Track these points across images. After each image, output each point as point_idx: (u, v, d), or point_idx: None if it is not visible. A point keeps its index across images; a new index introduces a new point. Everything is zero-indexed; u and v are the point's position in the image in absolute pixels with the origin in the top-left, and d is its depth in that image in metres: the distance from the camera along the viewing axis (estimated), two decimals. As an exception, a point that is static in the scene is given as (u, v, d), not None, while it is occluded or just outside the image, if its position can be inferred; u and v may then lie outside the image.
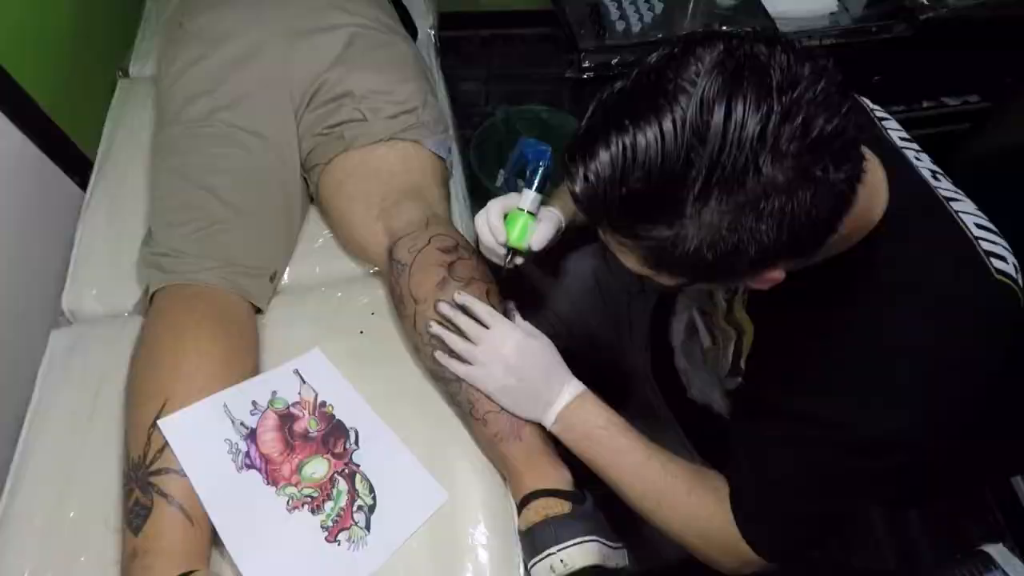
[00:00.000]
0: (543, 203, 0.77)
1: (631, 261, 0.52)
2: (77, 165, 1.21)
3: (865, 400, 0.56)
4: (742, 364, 0.73)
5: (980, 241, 0.55)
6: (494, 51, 2.36)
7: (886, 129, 0.66)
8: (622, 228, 0.49)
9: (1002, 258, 0.55)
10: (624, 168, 0.44)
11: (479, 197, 1.48)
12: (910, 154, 0.63)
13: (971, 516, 1.38)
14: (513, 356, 0.71)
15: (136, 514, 0.66)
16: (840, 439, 0.57)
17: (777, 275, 0.50)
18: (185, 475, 0.69)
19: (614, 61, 1.06)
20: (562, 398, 0.71)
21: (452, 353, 0.75)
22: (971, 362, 0.54)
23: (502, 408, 0.73)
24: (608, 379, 1.08)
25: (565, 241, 1.03)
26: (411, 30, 1.20)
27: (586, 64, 1.05)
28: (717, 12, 1.12)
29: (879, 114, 0.69)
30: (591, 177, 0.46)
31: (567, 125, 1.56)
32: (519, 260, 0.78)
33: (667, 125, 0.42)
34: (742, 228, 0.44)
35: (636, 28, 1.08)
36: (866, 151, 0.50)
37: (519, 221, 0.74)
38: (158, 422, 0.70)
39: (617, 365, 1.08)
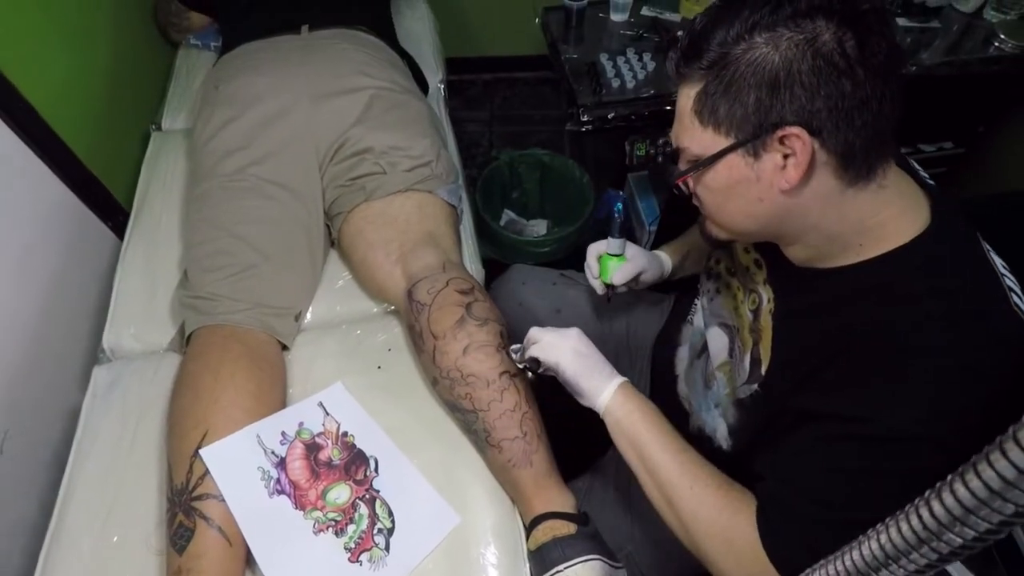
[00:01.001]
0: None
1: (684, 124, 0.62)
2: (111, 212, 1.30)
3: (884, 395, 0.56)
4: (762, 371, 0.74)
5: (1004, 277, 0.61)
6: (497, 94, 2.47)
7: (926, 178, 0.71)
8: (692, 48, 0.59)
9: (1020, 296, 0.60)
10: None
11: (484, 236, 1.58)
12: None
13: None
14: (581, 345, 0.78)
15: (180, 535, 0.73)
16: (862, 433, 0.57)
17: (804, 138, 0.55)
18: (223, 500, 0.76)
19: (610, 115, 1.16)
20: (615, 381, 0.76)
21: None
22: (981, 373, 0.56)
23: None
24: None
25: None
26: (423, 85, 1.30)
27: (584, 118, 1.15)
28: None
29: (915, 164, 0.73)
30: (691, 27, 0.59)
31: (567, 169, 1.66)
32: (610, 290, 0.96)
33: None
34: (790, 67, 0.54)
35: (630, 85, 1.17)
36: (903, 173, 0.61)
37: (610, 263, 0.94)
38: (200, 451, 0.77)
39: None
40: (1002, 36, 1.24)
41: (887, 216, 0.60)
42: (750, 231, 0.66)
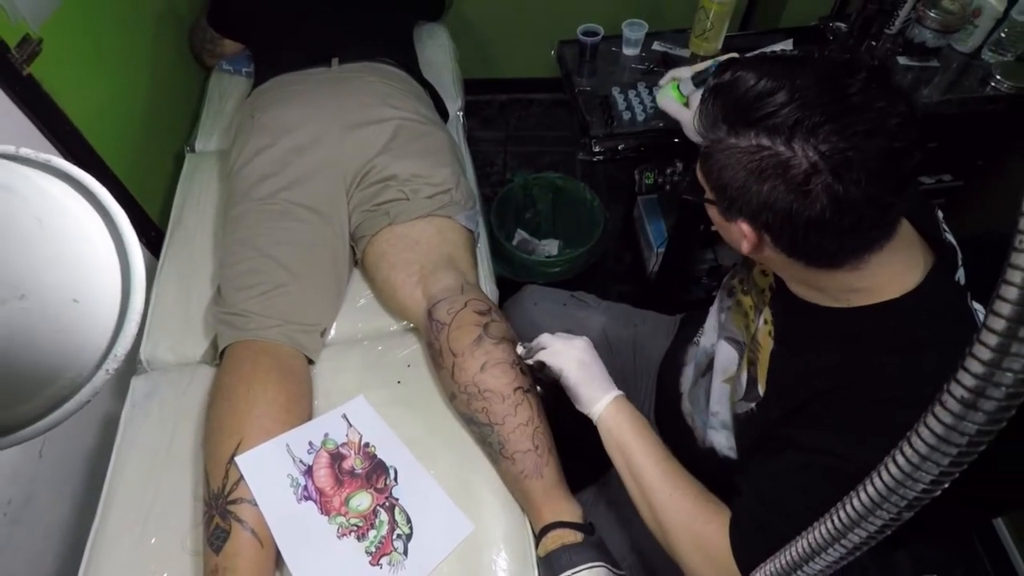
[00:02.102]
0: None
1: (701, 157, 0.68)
2: (146, 228, 1.37)
3: (867, 437, 0.60)
4: (759, 389, 0.79)
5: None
6: (512, 114, 2.54)
7: (944, 231, 0.76)
8: (715, 105, 0.63)
9: None
10: (737, 79, 0.61)
11: (497, 255, 1.63)
12: (959, 257, 0.72)
13: (961, 565, 1.47)
14: (586, 355, 0.85)
15: (217, 536, 0.79)
16: (840, 467, 0.61)
17: (749, 233, 0.63)
18: (256, 504, 0.82)
19: (620, 147, 1.22)
20: (610, 393, 0.83)
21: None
22: None
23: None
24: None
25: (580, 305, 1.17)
26: (443, 113, 1.37)
27: (596, 149, 1.21)
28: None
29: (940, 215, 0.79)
30: (724, 75, 0.63)
31: (579, 192, 1.72)
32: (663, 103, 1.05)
33: (764, 78, 0.59)
34: (749, 172, 0.59)
35: (640, 117, 1.23)
36: (914, 234, 0.64)
37: (671, 90, 1.03)
38: (235, 459, 0.83)
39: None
40: (998, 76, 1.29)
41: (872, 283, 0.64)
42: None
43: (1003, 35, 1.31)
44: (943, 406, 0.24)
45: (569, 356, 0.85)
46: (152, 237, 1.37)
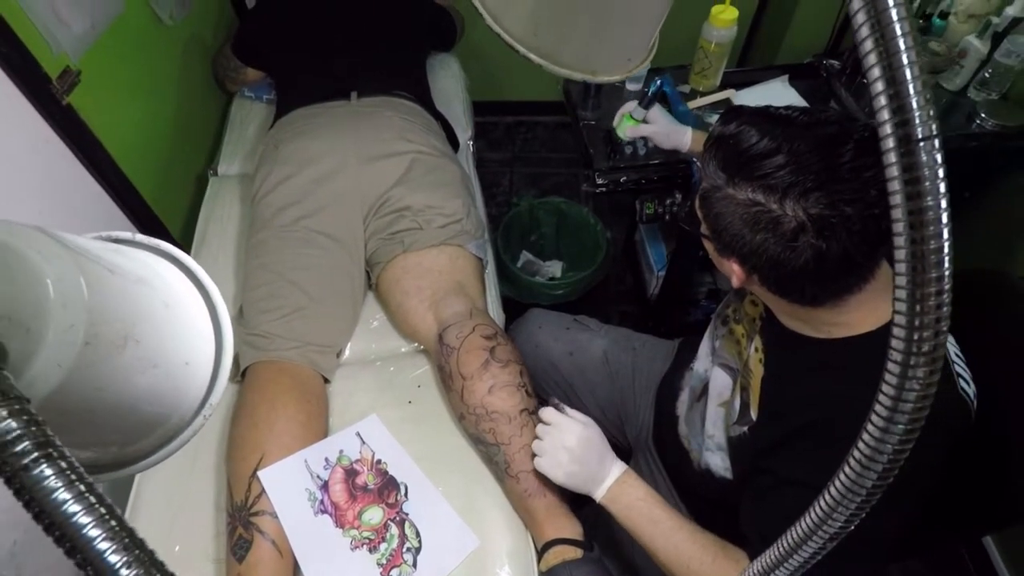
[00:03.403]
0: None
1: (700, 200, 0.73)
2: (169, 247, 1.44)
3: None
4: (752, 414, 0.84)
5: (954, 364, 0.71)
6: (518, 136, 2.62)
7: None
8: (716, 156, 0.69)
9: (966, 381, 0.71)
10: (738, 133, 0.67)
11: (503, 276, 1.70)
12: None
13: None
14: (577, 447, 0.87)
15: (240, 546, 0.85)
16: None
17: (740, 274, 0.70)
18: (276, 517, 0.88)
19: (622, 179, 1.28)
20: (611, 476, 0.87)
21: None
22: (928, 445, 0.69)
23: (558, 483, 0.87)
24: (614, 444, 1.25)
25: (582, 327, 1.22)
26: (454, 142, 1.44)
27: (599, 181, 1.27)
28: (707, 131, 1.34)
29: None
30: (727, 127, 0.69)
31: (582, 216, 1.78)
32: (621, 140, 1.22)
33: (764, 138, 0.65)
34: (743, 222, 0.65)
35: (642, 152, 1.30)
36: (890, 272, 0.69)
37: (627, 122, 1.18)
38: (258, 473, 0.89)
39: (623, 432, 1.25)
40: (983, 115, 1.36)
41: (849, 318, 0.70)
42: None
43: (987, 75, 1.38)
44: (866, 433, 0.29)
45: (559, 449, 0.87)
46: (173, 256, 1.43)
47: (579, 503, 1.01)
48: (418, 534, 0.93)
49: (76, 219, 1.17)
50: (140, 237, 0.30)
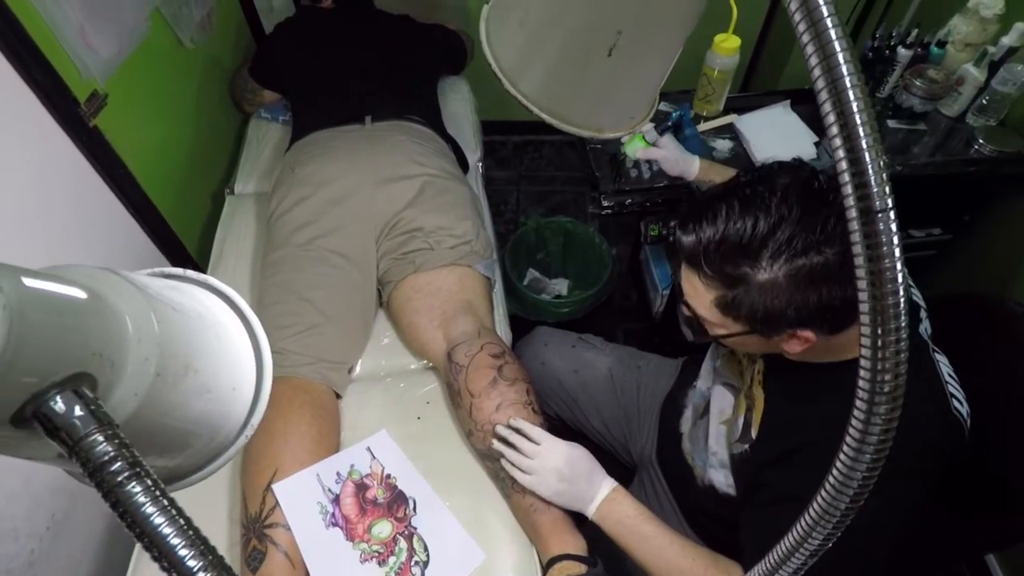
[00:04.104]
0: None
1: (703, 304, 0.72)
2: (183, 263, 1.48)
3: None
4: (752, 433, 0.87)
5: (948, 384, 0.73)
6: (525, 155, 2.66)
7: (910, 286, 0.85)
8: (713, 264, 0.68)
9: (959, 401, 0.73)
10: (724, 232, 0.66)
11: (510, 293, 1.73)
12: (922, 312, 0.82)
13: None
14: (563, 466, 0.90)
15: (254, 557, 0.87)
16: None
17: (808, 335, 0.68)
18: (289, 529, 0.90)
19: (628, 201, 1.32)
20: (601, 493, 0.90)
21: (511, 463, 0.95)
22: (925, 474, 0.70)
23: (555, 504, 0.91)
24: (618, 462, 1.27)
25: (587, 347, 1.25)
26: (464, 165, 1.48)
27: (605, 203, 1.31)
28: (712, 160, 1.38)
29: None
30: (700, 236, 0.68)
31: (588, 236, 1.82)
32: (623, 155, 1.23)
33: (759, 218, 0.65)
34: (794, 290, 0.65)
35: (646, 175, 1.34)
36: None
37: (637, 140, 1.17)
38: (272, 486, 0.92)
39: (627, 450, 1.27)
40: (981, 140, 1.39)
41: (849, 340, 0.72)
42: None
43: (985, 102, 1.41)
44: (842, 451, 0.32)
45: (547, 469, 0.90)
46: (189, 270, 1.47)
47: (583, 518, 1.04)
48: (426, 548, 0.96)
49: (97, 234, 1.22)
50: (190, 273, 0.33)
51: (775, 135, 1.45)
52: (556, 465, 0.90)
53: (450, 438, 1.08)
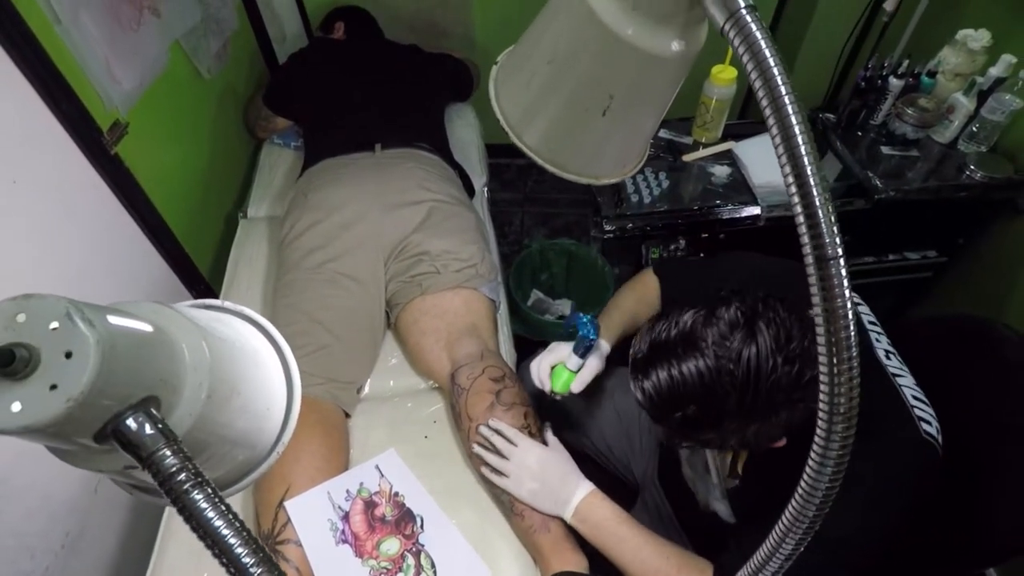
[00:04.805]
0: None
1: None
2: (195, 282, 1.52)
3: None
4: (739, 469, 0.91)
5: (914, 408, 0.76)
6: (529, 177, 2.71)
7: (860, 314, 0.88)
8: (676, 434, 0.72)
9: (928, 422, 0.76)
10: (675, 394, 0.68)
11: (514, 313, 1.76)
12: (872, 336, 0.85)
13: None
14: (536, 466, 0.94)
15: (267, 573, 0.90)
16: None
17: (780, 444, 0.73)
18: (301, 545, 0.93)
19: (629, 226, 1.36)
20: (576, 496, 0.93)
21: (490, 468, 0.98)
22: (898, 492, 0.73)
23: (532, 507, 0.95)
24: (621, 482, 1.29)
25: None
26: (470, 190, 1.52)
27: (607, 228, 1.35)
28: (711, 187, 1.43)
29: (856, 300, 0.90)
30: (651, 394, 0.71)
31: (591, 257, 1.86)
32: (558, 397, 1.03)
33: (704, 369, 0.66)
34: (761, 433, 0.69)
35: (647, 200, 1.38)
36: None
37: (564, 376, 0.99)
38: (284, 503, 0.95)
39: (630, 470, 1.29)
40: (972, 167, 1.43)
41: None
42: None
43: (975, 129, 1.46)
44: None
45: (523, 472, 0.94)
46: (201, 290, 1.52)
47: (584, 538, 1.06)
48: (433, 564, 0.98)
49: (116, 256, 1.26)
50: (228, 304, 0.37)
51: (772, 161, 1.49)
52: (528, 464, 0.94)
53: (456, 457, 1.11)
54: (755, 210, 1.39)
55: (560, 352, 1.01)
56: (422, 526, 1.02)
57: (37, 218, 1.03)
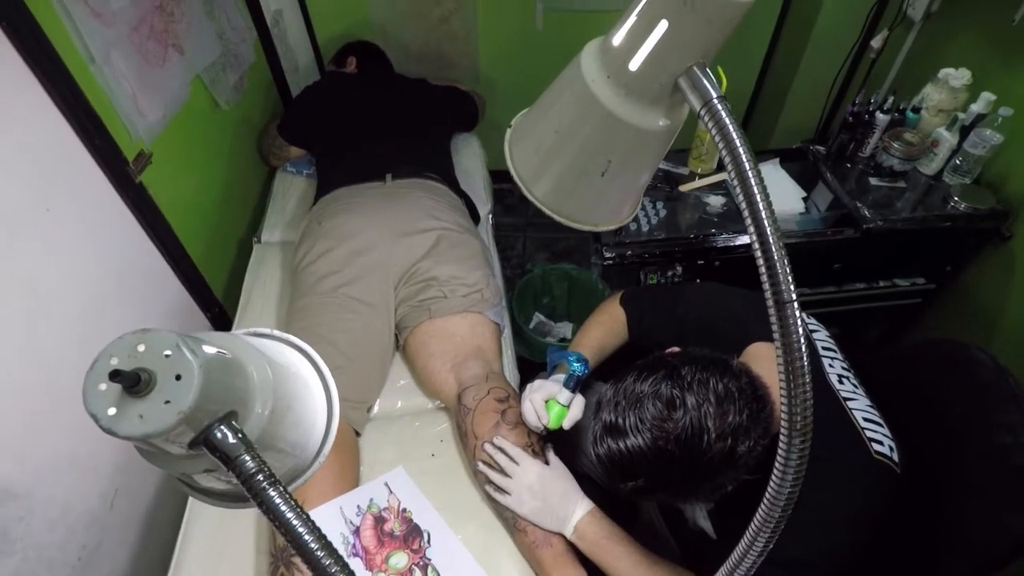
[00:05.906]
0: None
1: None
2: (210, 305, 1.58)
3: (790, 534, 0.78)
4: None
5: (865, 431, 0.80)
6: (531, 202, 2.78)
7: (814, 340, 0.93)
8: (633, 497, 0.77)
9: (880, 443, 0.80)
10: (624, 466, 0.75)
11: (517, 335, 1.82)
12: (825, 362, 0.90)
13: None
14: (536, 484, 0.99)
15: (282, 585, 0.94)
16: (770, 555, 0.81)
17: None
18: (314, 558, 0.97)
19: (628, 253, 1.42)
20: (576, 514, 0.98)
21: (494, 486, 1.03)
22: (849, 511, 0.78)
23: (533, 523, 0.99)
24: (620, 502, 1.33)
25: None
26: (476, 217, 1.59)
27: (607, 255, 1.42)
28: (706, 216, 1.49)
29: (812, 326, 0.97)
30: (605, 463, 0.77)
31: (591, 282, 1.92)
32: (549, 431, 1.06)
33: (645, 447, 0.73)
34: (715, 489, 0.74)
35: (645, 228, 1.45)
36: None
37: (555, 410, 1.02)
38: (299, 518, 0.99)
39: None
40: (956, 198, 1.49)
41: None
42: None
43: (959, 162, 1.53)
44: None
45: (521, 486, 0.99)
46: (216, 313, 1.57)
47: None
48: (439, 579, 1.02)
49: (136, 280, 1.32)
50: (276, 332, 0.43)
51: (765, 191, 1.56)
52: (529, 483, 0.98)
53: (462, 474, 1.15)
54: (748, 238, 1.44)
55: (548, 388, 1.04)
56: (429, 541, 1.06)
57: (66, 243, 1.09)
